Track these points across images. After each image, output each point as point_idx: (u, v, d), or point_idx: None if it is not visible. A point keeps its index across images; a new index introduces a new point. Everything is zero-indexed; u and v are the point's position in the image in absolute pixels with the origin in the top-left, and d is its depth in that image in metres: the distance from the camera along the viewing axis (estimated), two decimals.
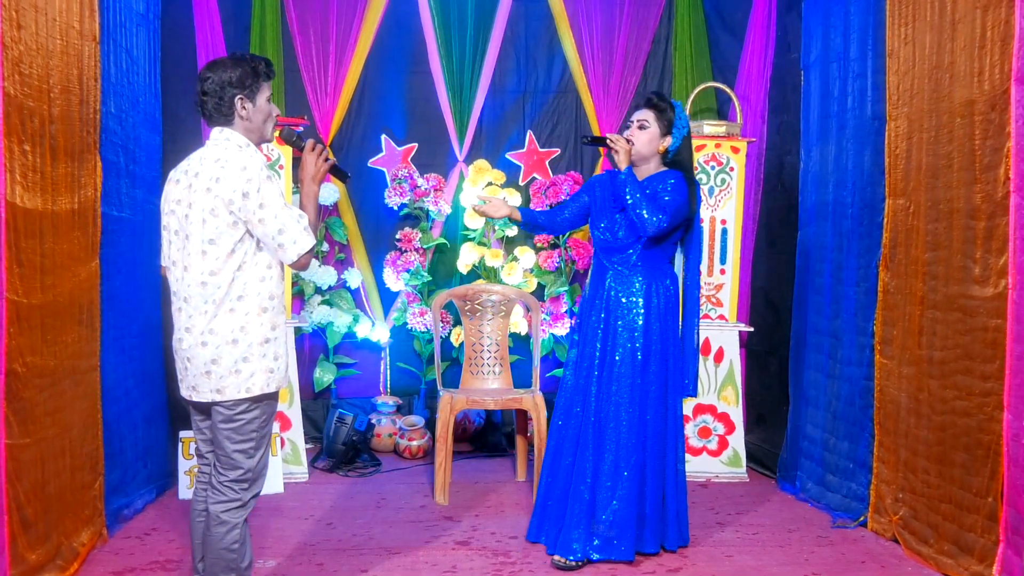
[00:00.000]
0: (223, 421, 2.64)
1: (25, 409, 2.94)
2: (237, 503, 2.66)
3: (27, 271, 2.95)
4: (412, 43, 5.23)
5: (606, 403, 3.53)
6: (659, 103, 3.59)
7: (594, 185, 3.80)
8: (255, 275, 2.61)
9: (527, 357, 5.14)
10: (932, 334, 3.49)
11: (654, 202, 3.46)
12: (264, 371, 2.63)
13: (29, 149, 2.95)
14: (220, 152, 2.61)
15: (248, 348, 2.60)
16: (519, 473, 4.64)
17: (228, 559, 2.65)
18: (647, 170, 3.62)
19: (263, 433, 2.69)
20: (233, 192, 2.51)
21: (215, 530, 2.65)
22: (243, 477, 2.66)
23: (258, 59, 2.68)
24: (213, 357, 2.59)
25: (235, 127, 2.66)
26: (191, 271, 2.58)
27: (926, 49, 3.51)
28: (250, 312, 2.60)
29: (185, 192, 2.61)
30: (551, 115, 5.35)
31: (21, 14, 2.91)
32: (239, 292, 2.58)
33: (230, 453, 2.65)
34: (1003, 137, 3.03)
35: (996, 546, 3.09)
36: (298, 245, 2.59)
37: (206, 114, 2.67)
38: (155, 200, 4.25)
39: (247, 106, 2.64)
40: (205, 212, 2.54)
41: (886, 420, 3.83)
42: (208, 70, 2.64)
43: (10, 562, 2.83)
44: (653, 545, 3.56)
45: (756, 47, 5.15)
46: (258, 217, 2.53)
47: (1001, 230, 3.05)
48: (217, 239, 2.54)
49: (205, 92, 2.63)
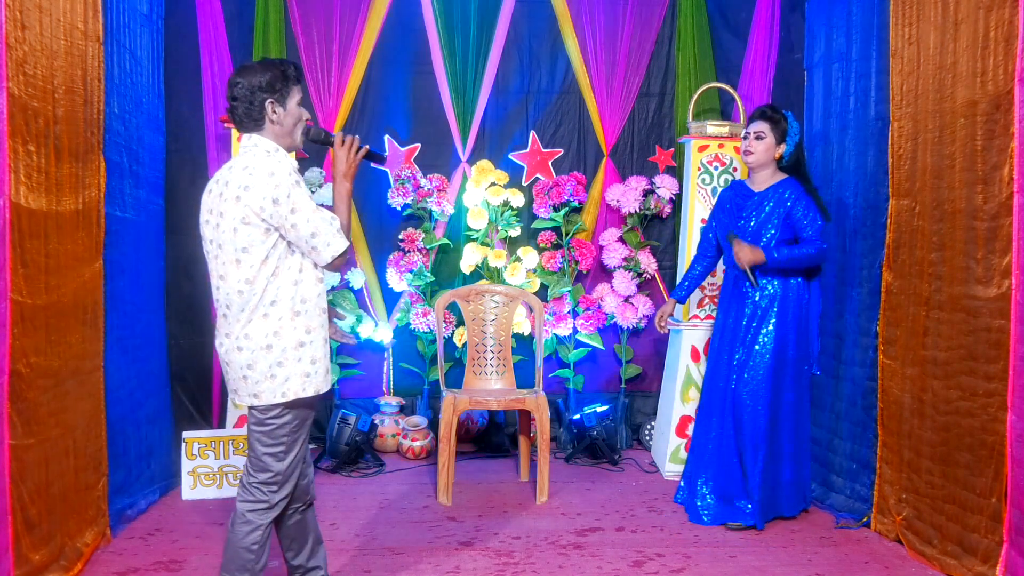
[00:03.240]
0: (255, 424, 2.69)
1: (29, 409, 2.94)
2: (264, 504, 2.70)
3: (31, 271, 2.95)
4: (415, 43, 5.23)
5: (746, 389, 3.92)
6: (773, 115, 3.95)
7: (723, 200, 4.19)
8: (288, 279, 2.62)
9: (530, 357, 5.14)
10: (936, 334, 3.48)
11: (803, 239, 3.87)
12: (299, 375, 2.65)
13: (34, 149, 2.96)
14: (248, 159, 2.62)
15: (282, 353, 2.62)
16: (522, 474, 4.64)
17: (245, 559, 2.68)
18: (765, 177, 4.01)
19: (295, 437, 2.71)
20: (263, 199, 2.52)
21: (238, 528, 2.69)
22: (272, 480, 2.70)
23: (287, 63, 2.69)
24: (248, 362, 2.62)
25: (265, 133, 2.67)
26: (228, 280, 2.61)
27: (930, 49, 3.50)
28: (283, 317, 2.61)
29: (216, 201, 2.61)
30: (554, 115, 5.35)
31: (25, 15, 2.91)
32: (272, 297, 2.60)
33: (260, 456, 2.69)
34: (1007, 137, 3.02)
35: (1000, 547, 3.09)
36: (332, 248, 2.62)
37: (236, 120, 2.68)
38: (158, 200, 4.27)
39: (278, 110, 2.65)
40: (236, 221, 2.55)
41: (889, 421, 3.82)
42: (237, 75, 2.65)
43: (14, 562, 2.83)
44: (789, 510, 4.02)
45: (759, 47, 5.15)
46: (290, 222, 2.55)
47: (1005, 230, 3.04)
48: (250, 247, 2.56)
49: (235, 97, 2.64)
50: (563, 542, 3.75)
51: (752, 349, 3.93)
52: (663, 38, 5.33)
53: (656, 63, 5.35)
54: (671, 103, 5.35)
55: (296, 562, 2.94)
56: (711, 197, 4.75)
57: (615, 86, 5.27)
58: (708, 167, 4.75)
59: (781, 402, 3.94)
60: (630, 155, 5.36)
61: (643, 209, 5.18)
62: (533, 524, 3.96)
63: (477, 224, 5.15)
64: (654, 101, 5.36)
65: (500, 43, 5.22)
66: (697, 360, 4.72)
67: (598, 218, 5.34)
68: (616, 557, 3.60)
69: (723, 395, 4.00)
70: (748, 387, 3.92)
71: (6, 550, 2.80)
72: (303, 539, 2.93)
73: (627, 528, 3.94)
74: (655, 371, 5.31)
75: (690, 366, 4.72)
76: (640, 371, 5.35)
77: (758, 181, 4.04)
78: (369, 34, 5.12)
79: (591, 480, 4.62)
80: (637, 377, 5.35)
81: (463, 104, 5.24)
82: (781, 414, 3.95)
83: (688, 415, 4.70)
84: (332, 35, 5.09)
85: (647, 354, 5.39)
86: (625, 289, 5.17)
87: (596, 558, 3.59)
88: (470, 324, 4.63)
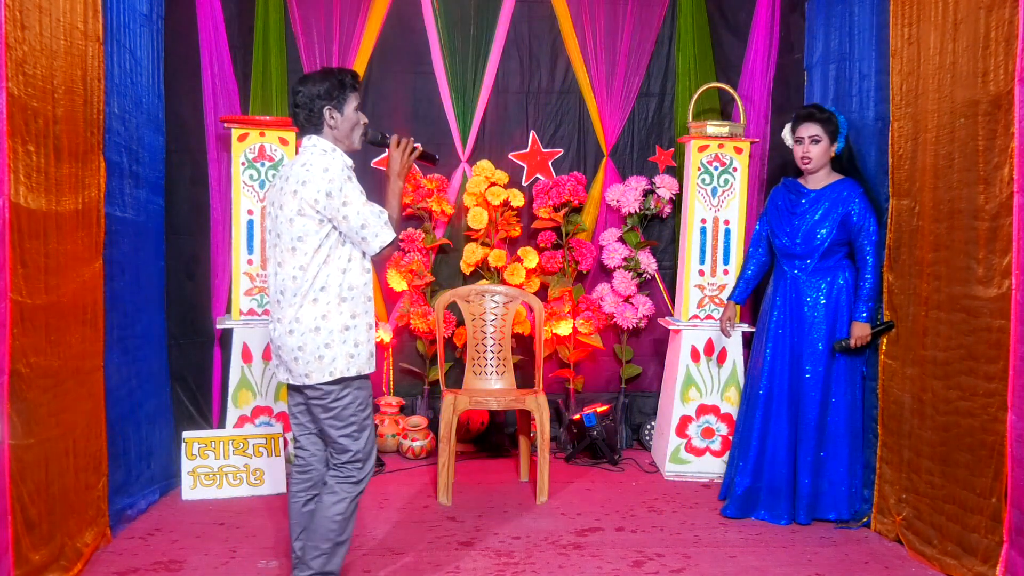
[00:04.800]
0: (322, 411, 2.91)
1: (29, 410, 2.94)
2: (351, 479, 2.94)
3: (31, 272, 2.95)
4: (415, 43, 5.22)
5: (796, 391, 4.00)
6: (822, 115, 4.00)
7: (776, 198, 4.23)
8: (337, 268, 2.86)
9: (530, 358, 5.14)
10: (936, 334, 3.48)
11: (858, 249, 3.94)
12: (344, 356, 2.87)
13: (33, 150, 2.96)
14: (306, 157, 2.88)
15: (329, 335, 2.85)
16: (522, 473, 4.64)
17: (329, 528, 2.90)
18: (821, 176, 4.06)
19: (363, 416, 2.95)
20: (318, 192, 2.78)
21: (325, 497, 2.93)
22: (355, 458, 2.93)
23: (345, 72, 2.95)
24: (299, 344, 2.85)
25: (324, 135, 2.93)
26: (284, 267, 2.87)
27: (930, 49, 3.50)
28: (331, 302, 2.85)
29: (277, 195, 2.90)
30: (554, 115, 5.35)
31: (25, 15, 2.91)
32: (322, 284, 2.84)
33: (336, 439, 2.92)
34: (1007, 137, 3.02)
35: (1000, 547, 3.09)
36: (380, 238, 2.87)
37: (298, 124, 2.95)
38: (158, 200, 4.27)
39: (335, 116, 2.91)
40: (293, 213, 2.81)
41: (890, 421, 3.82)
42: (299, 84, 2.93)
43: (14, 562, 2.83)
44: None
45: (759, 47, 5.15)
46: (342, 214, 2.81)
47: (1005, 230, 3.04)
48: (305, 236, 2.81)
49: (297, 104, 2.91)
50: (563, 542, 3.75)
51: (804, 347, 4.01)
52: (663, 38, 5.33)
53: (656, 63, 5.34)
54: (671, 103, 5.35)
55: (301, 552, 3.00)
56: (711, 197, 4.75)
57: (615, 86, 5.27)
58: (708, 167, 4.75)
59: (831, 402, 3.99)
60: (630, 155, 5.36)
61: (643, 209, 5.18)
62: (533, 524, 3.96)
63: (477, 224, 5.15)
64: (654, 101, 5.36)
65: (500, 43, 5.21)
66: (697, 360, 4.72)
67: (598, 218, 5.34)
68: (616, 557, 3.60)
69: (774, 394, 4.06)
70: (802, 386, 4.00)
71: (6, 550, 2.80)
72: (305, 525, 3.02)
73: (627, 528, 3.94)
74: (655, 371, 5.31)
75: (690, 366, 4.72)
76: (640, 371, 5.35)
77: (813, 180, 4.09)
78: (369, 34, 5.12)
79: (591, 480, 4.62)
80: (637, 377, 5.35)
81: (463, 104, 5.24)
82: (832, 414, 3.99)
83: (688, 415, 4.70)
84: (332, 35, 5.09)
85: (647, 354, 5.39)
86: (625, 289, 5.16)
87: (596, 558, 3.59)
88: (470, 324, 4.63)
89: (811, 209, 4.05)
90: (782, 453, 4.03)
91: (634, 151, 5.36)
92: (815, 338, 4.00)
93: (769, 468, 4.04)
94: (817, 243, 4.01)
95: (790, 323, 4.05)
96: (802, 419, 4.00)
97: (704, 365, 4.72)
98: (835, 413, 3.98)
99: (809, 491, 3.99)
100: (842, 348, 3.92)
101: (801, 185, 4.15)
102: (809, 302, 4.02)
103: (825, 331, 3.99)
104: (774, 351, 4.08)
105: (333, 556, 2.93)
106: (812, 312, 4.01)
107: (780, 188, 4.26)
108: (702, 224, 4.77)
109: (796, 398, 4.02)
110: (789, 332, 4.06)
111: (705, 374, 4.72)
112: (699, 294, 4.76)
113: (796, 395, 4.02)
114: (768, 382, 4.07)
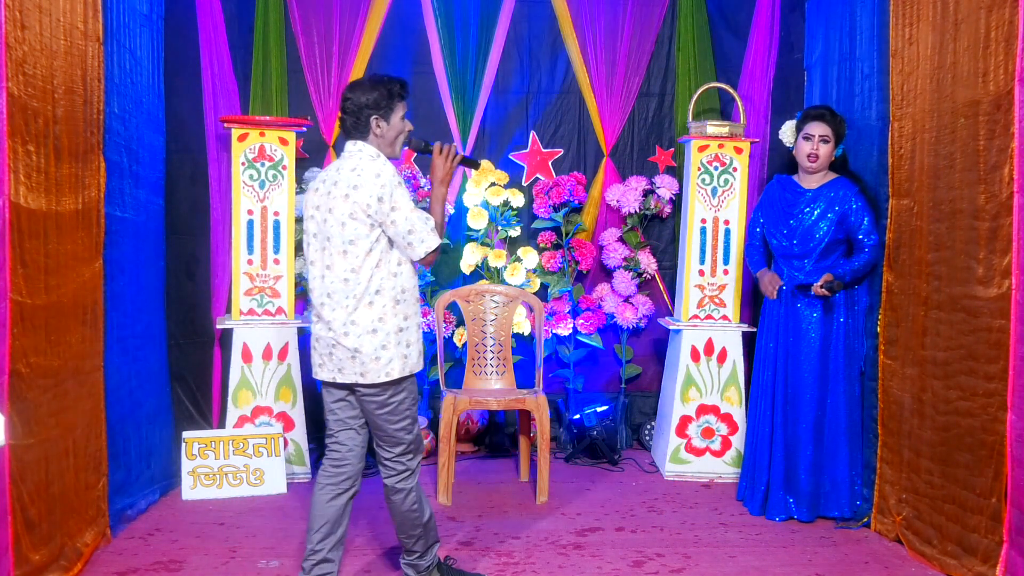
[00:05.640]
0: (378, 407, 3.00)
1: (29, 409, 2.94)
2: (407, 472, 3.08)
3: (31, 271, 2.95)
4: (415, 43, 5.22)
5: (794, 389, 4.04)
6: (832, 117, 4.03)
7: (771, 196, 4.23)
8: (388, 271, 2.95)
9: (530, 357, 5.14)
10: (936, 334, 3.48)
11: (857, 244, 3.96)
12: (400, 357, 2.97)
13: (33, 150, 2.96)
14: (356, 162, 2.96)
15: (386, 337, 2.94)
16: (522, 473, 4.64)
17: (412, 518, 3.10)
18: (818, 177, 4.08)
19: (414, 407, 3.08)
20: (370, 197, 2.87)
21: (394, 499, 3.09)
22: (407, 450, 3.07)
23: (394, 81, 3.05)
24: (356, 345, 2.93)
25: (370, 141, 3.01)
26: (334, 269, 2.93)
27: (929, 49, 3.50)
28: (386, 305, 2.95)
29: (324, 199, 2.95)
30: (554, 116, 5.35)
31: (25, 15, 2.91)
32: (376, 287, 2.93)
33: (392, 432, 3.03)
34: (1007, 137, 3.02)
35: (1000, 547, 3.09)
36: (425, 244, 2.95)
37: (345, 130, 3.04)
38: (158, 200, 4.27)
39: (381, 124, 3.00)
40: (344, 216, 2.89)
41: (890, 420, 3.82)
42: (349, 91, 3.01)
43: (14, 562, 2.83)
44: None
45: (759, 47, 5.15)
46: (391, 219, 2.90)
47: (1005, 230, 3.04)
48: (356, 240, 2.90)
49: (345, 111, 3.00)
50: (563, 542, 3.75)
51: (802, 346, 4.04)
52: (663, 38, 5.32)
53: (656, 63, 5.34)
54: (671, 103, 5.35)
55: (318, 546, 3.05)
56: (711, 197, 4.75)
57: (615, 86, 5.27)
58: (708, 167, 4.75)
59: (829, 399, 4.02)
60: (630, 155, 5.36)
61: (643, 209, 5.18)
62: (533, 524, 3.96)
63: (477, 224, 5.15)
64: (654, 101, 5.36)
65: (500, 43, 5.21)
66: (697, 360, 4.72)
67: (598, 218, 5.34)
68: (616, 557, 3.60)
69: (778, 392, 4.09)
70: (799, 384, 4.03)
71: (6, 550, 2.80)
72: (335, 525, 3.08)
73: (627, 528, 3.94)
74: (655, 371, 5.31)
75: (690, 366, 4.72)
76: (640, 371, 5.35)
77: (810, 179, 4.10)
78: (369, 34, 5.11)
79: (591, 480, 4.62)
80: (637, 377, 5.35)
81: (463, 104, 5.24)
82: (831, 411, 4.02)
83: (688, 415, 4.70)
84: (332, 35, 5.09)
85: (647, 354, 5.39)
86: (625, 289, 5.16)
87: (596, 558, 3.59)
88: (470, 324, 4.63)
89: (808, 209, 4.06)
90: (788, 450, 4.06)
91: (634, 151, 5.36)
92: (813, 336, 4.03)
93: (778, 465, 4.07)
94: (815, 243, 4.02)
95: (790, 322, 4.08)
96: (803, 417, 4.03)
97: (704, 365, 4.73)
98: (834, 410, 4.01)
99: (811, 488, 4.01)
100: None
101: (797, 184, 4.15)
102: (807, 301, 4.04)
103: (820, 329, 4.02)
104: (776, 351, 4.11)
105: (428, 531, 3.16)
106: (810, 311, 4.03)
107: (774, 186, 4.25)
108: (702, 224, 4.77)
109: (797, 396, 4.05)
110: (790, 331, 4.08)
111: (705, 374, 4.72)
112: (699, 294, 4.77)
113: (797, 393, 4.05)
114: (772, 381, 4.11)
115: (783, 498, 4.06)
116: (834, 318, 4.01)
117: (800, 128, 4.11)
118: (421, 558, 3.19)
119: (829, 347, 4.02)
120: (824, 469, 4.03)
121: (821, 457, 4.03)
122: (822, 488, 4.03)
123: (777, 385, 4.09)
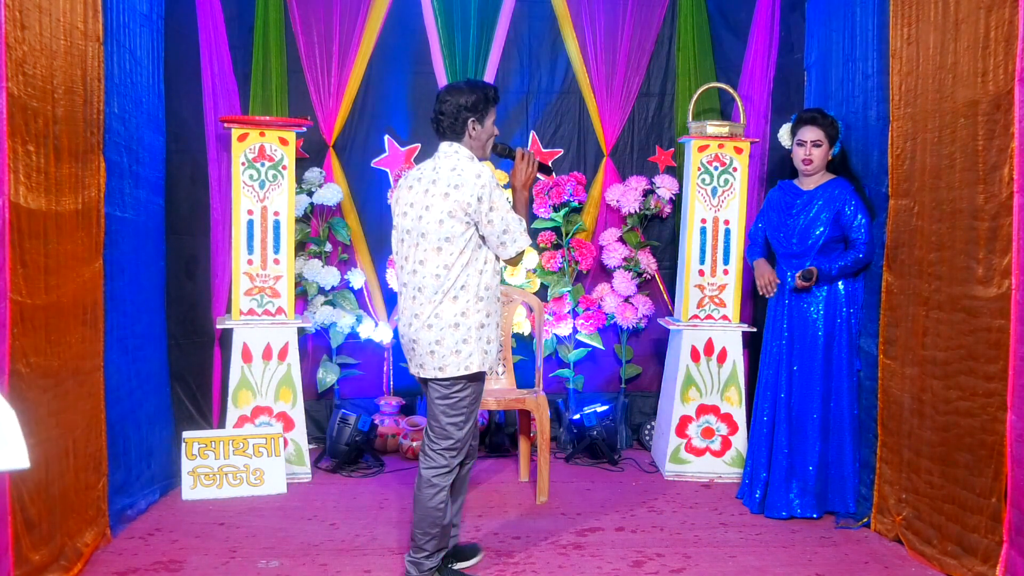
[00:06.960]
0: (440, 397, 3.10)
1: (29, 410, 2.94)
2: (445, 469, 3.14)
3: (31, 272, 2.95)
4: (415, 43, 5.22)
5: (797, 386, 4.08)
6: (824, 120, 4.06)
7: (772, 200, 4.30)
8: (475, 268, 3.06)
9: (530, 358, 5.14)
10: (935, 334, 3.48)
11: (851, 241, 3.99)
12: (480, 352, 3.07)
13: (33, 150, 2.96)
14: (454, 162, 3.07)
15: (467, 331, 3.04)
16: (522, 473, 4.64)
17: (435, 516, 3.14)
18: (816, 179, 4.12)
19: (473, 408, 3.16)
20: (470, 196, 2.99)
21: (424, 491, 3.14)
22: (453, 446, 3.13)
23: (489, 86, 3.15)
24: (437, 339, 3.03)
25: (463, 142, 3.12)
26: (427, 264, 3.05)
27: (929, 49, 3.50)
28: (470, 300, 3.05)
29: (420, 196, 3.07)
30: (554, 116, 5.35)
31: (25, 15, 2.91)
32: (462, 283, 3.04)
33: (444, 425, 3.11)
34: (1007, 137, 3.02)
35: (999, 547, 3.09)
36: (517, 244, 3.08)
37: (440, 130, 3.13)
38: (158, 200, 4.27)
39: (476, 127, 3.11)
40: (443, 214, 3.00)
41: (889, 420, 3.82)
42: (447, 93, 3.11)
43: (14, 562, 2.83)
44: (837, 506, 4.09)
45: (759, 47, 5.15)
46: (488, 219, 3.02)
47: (1004, 230, 3.04)
48: (452, 238, 3.01)
49: (442, 112, 3.09)
50: (563, 542, 3.75)
51: (807, 343, 4.08)
52: (663, 38, 5.32)
53: (656, 63, 5.34)
54: (671, 103, 5.35)
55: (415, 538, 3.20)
56: (711, 197, 4.75)
57: (615, 86, 5.27)
58: (708, 167, 4.75)
59: (833, 396, 4.06)
60: (630, 155, 5.36)
61: (643, 209, 5.18)
62: (533, 524, 3.97)
63: None
64: (654, 101, 5.36)
65: (500, 43, 5.21)
66: (697, 360, 4.72)
67: (598, 218, 5.34)
68: (616, 557, 3.60)
69: (782, 391, 4.13)
70: (805, 381, 4.07)
71: (6, 550, 2.80)
72: (458, 493, 3.32)
73: (627, 528, 3.94)
74: (655, 371, 5.31)
75: (690, 366, 4.72)
76: (640, 371, 5.35)
77: (808, 181, 4.15)
78: (369, 34, 5.12)
79: (591, 480, 4.62)
80: (637, 377, 5.35)
81: None
82: (834, 407, 4.06)
83: (688, 415, 4.71)
84: (332, 35, 5.09)
85: (647, 354, 5.39)
86: (625, 289, 5.16)
87: (596, 558, 3.59)
88: None
89: (805, 208, 4.09)
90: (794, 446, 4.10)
91: (634, 151, 5.36)
92: (815, 334, 4.06)
93: (780, 462, 4.09)
94: (812, 241, 4.05)
95: (795, 319, 4.13)
96: (809, 412, 4.07)
97: (704, 365, 4.73)
98: (837, 406, 4.05)
99: (819, 482, 4.04)
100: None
101: (796, 186, 4.20)
102: (809, 299, 4.07)
103: (824, 326, 4.04)
104: (779, 350, 4.14)
105: (443, 534, 3.20)
106: (814, 308, 4.07)
107: (776, 191, 4.32)
108: (702, 224, 4.77)
109: (803, 392, 4.09)
110: (795, 328, 4.13)
111: (705, 374, 4.72)
112: (699, 294, 4.77)
113: (803, 389, 4.09)
114: (776, 378, 4.14)
115: (784, 495, 4.07)
116: (837, 315, 4.04)
117: (794, 133, 4.17)
118: (428, 558, 3.21)
119: (832, 344, 4.05)
120: (831, 464, 4.06)
121: (828, 452, 4.06)
122: (830, 483, 4.06)
123: (781, 382, 4.12)
